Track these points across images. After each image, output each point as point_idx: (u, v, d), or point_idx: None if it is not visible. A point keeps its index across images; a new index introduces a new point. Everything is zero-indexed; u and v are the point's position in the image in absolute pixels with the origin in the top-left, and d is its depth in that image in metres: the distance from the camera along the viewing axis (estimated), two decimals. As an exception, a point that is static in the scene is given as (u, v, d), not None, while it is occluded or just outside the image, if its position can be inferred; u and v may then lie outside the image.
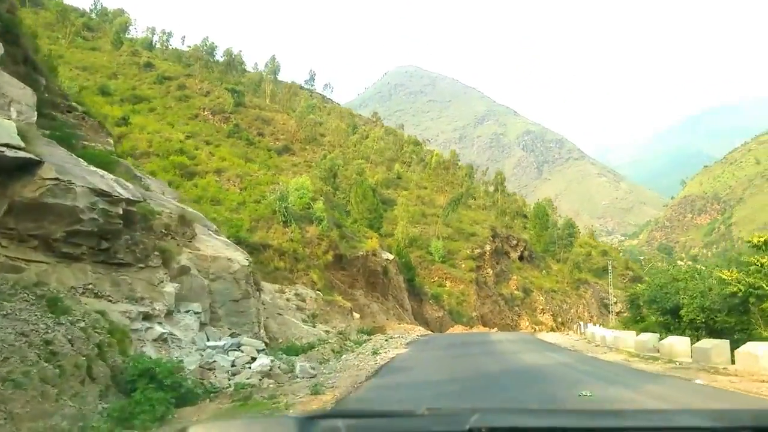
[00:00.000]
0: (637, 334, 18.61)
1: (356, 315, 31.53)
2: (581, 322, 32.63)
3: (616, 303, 73.93)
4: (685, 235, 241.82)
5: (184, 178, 34.91)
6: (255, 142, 62.39)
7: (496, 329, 44.06)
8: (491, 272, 60.60)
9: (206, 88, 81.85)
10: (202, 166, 37.10)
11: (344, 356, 16.78)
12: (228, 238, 20.49)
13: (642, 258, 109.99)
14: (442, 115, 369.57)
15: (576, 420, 1.51)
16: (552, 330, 62.40)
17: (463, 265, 57.71)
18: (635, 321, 25.95)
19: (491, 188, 77.63)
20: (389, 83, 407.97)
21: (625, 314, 77.47)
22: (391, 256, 41.23)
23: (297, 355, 14.98)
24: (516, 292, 61.78)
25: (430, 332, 37.69)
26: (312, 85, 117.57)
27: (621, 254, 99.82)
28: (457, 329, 40.87)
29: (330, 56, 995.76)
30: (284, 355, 14.21)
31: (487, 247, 61.52)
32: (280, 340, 18.67)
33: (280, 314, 22.13)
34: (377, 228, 45.24)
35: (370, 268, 37.21)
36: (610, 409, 6.83)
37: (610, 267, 65.00)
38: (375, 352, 17.69)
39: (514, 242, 68.09)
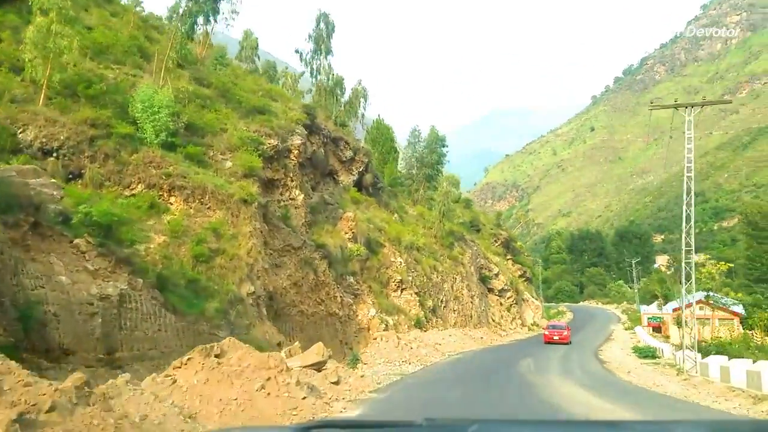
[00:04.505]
0: None
1: None
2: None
3: (498, 275, 46.24)
4: (486, 219, 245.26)
5: None
6: None
7: (328, 349, 9.32)
8: (301, 198, 25.77)
9: None
10: None
11: None
12: None
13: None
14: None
15: (574, 431, 1.30)
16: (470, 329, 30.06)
17: (229, 165, 21.65)
18: None
19: (308, 49, 41.87)
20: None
21: (510, 294, 50.17)
22: None
23: None
24: (353, 245, 28.16)
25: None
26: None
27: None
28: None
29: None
30: None
31: (296, 141, 26.43)
32: None
33: None
34: None
35: None
36: (607, 419, 6.02)
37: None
38: None
39: (349, 154, 34.44)
